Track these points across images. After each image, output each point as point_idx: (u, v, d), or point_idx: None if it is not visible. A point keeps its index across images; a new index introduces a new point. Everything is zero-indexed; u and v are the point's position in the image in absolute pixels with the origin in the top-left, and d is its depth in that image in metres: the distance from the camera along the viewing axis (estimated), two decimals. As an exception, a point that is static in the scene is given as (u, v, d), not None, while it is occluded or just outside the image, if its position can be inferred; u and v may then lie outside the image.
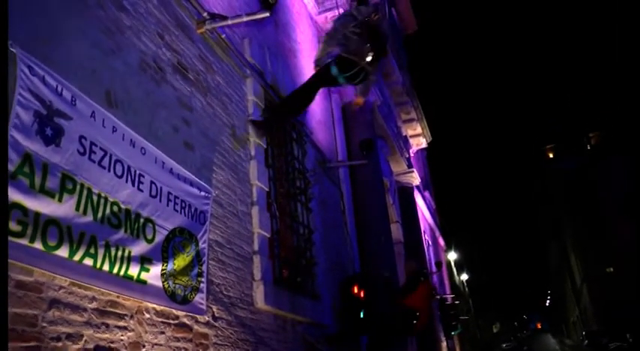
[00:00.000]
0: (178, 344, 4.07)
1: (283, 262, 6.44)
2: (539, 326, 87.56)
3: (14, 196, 2.81)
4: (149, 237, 3.92)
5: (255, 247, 5.66)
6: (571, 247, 43.45)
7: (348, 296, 7.97)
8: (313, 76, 6.72)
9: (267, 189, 6.24)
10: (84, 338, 3.16)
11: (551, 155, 45.94)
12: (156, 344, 3.81)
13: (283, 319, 5.97)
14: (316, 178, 7.80)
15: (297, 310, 6.26)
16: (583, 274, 40.10)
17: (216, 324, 4.65)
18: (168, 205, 4.24)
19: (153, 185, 4.08)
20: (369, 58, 6.08)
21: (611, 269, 35.55)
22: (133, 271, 3.66)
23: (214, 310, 4.68)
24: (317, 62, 6.61)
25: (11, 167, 2.83)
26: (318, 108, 9.31)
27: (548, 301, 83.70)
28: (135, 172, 3.89)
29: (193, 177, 4.67)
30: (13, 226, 2.78)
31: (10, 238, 2.74)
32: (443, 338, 16.11)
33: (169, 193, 4.28)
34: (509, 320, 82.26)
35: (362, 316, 7.83)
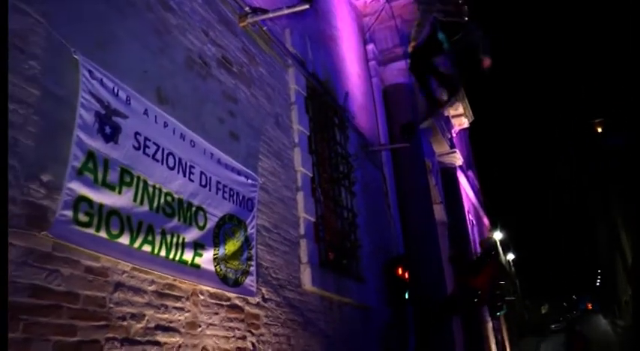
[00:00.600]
0: (231, 324, 4.35)
1: (328, 245, 6.66)
2: (589, 307, 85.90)
3: (81, 190, 3.10)
4: (201, 224, 4.19)
5: (302, 231, 5.90)
6: (622, 225, 42.36)
7: (392, 277, 8.17)
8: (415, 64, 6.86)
9: (311, 175, 6.46)
10: (146, 318, 3.45)
11: (599, 129, 44.67)
12: (211, 324, 4.09)
13: (329, 300, 6.21)
14: (359, 162, 7.97)
15: (343, 291, 6.49)
16: (635, 252, 39.13)
17: (266, 305, 4.91)
18: (217, 193, 4.50)
19: (202, 175, 4.34)
20: (466, 18, 6.29)
21: (664, 247, 34.63)
22: (187, 256, 3.94)
23: (264, 292, 4.94)
24: (413, 39, 6.71)
25: (77, 164, 3.11)
26: (359, 92, 9.46)
27: (598, 281, 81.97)
28: (185, 163, 4.15)
29: (240, 166, 4.91)
30: (82, 217, 3.06)
31: (80, 228, 3.03)
32: (488, 319, 16.14)
33: (218, 182, 4.53)
34: (558, 301, 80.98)
35: (407, 296, 8.04)
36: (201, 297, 4.07)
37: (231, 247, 4.53)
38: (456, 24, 6.32)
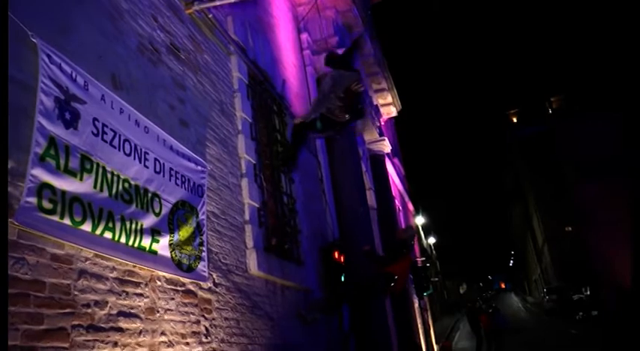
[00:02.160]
0: (186, 309, 4.40)
1: (271, 230, 6.77)
2: (502, 286, 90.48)
3: (44, 176, 3.08)
4: (157, 210, 4.21)
5: (247, 216, 5.99)
6: (534, 209, 44.87)
7: (329, 261, 8.39)
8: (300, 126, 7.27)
9: (254, 161, 6.54)
10: (108, 304, 3.47)
11: (514, 119, 46.91)
12: (168, 309, 4.13)
13: (273, 284, 6.34)
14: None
15: (286, 275, 6.64)
16: (545, 234, 41.58)
17: (217, 290, 4.99)
18: (170, 180, 4.52)
19: (157, 162, 4.35)
20: (345, 119, 6.64)
21: (570, 228, 37.04)
22: (146, 242, 3.96)
23: (215, 277, 5.01)
24: (304, 117, 7.01)
25: (39, 150, 3.09)
26: (295, 81, 9.56)
27: (511, 262, 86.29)
28: (141, 150, 4.15)
29: (190, 153, 4.94)
30: (46, 204, 3.04)
31: (44, 215, 3.02)
32: (415, 299, 16.80)
33: (171, 168, 4.55)
34: (475, 281, 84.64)
35: (343, 279, 8.29)
36: (159, 283, 4.11)
37: (184, 233, 4.57)
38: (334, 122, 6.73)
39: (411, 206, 24.53)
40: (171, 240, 4.34)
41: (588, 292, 30.60)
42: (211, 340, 4.67)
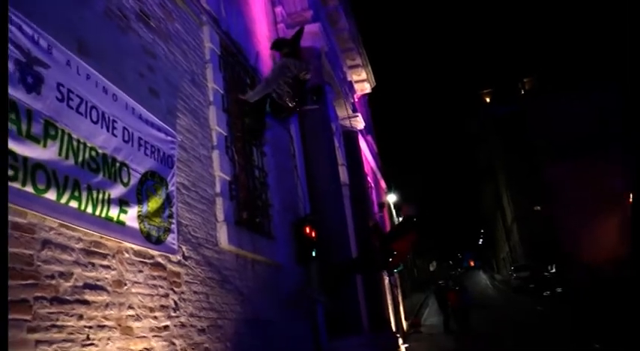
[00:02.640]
0: (155, 282, 4.32)
1: (242, 204, 6.69)
2: (471, 264, 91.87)
3: (5, 142, 2.94)
4: (125, 180, 4.09)
5: (217, 189, 5.89)
6: (504, 188, 45.50)
7: (300, 236, 8.35)
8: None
9: (225, 134, 6.42)
10: (74, 276, 3.37)
11: (487, 99, 47.27)
12: (136, 282, 4.04)
13: (244, 258, 6.27)
14: (269, 122, 7.97)
15: (257, 249, 6.58)
16: (514, 213, 42.25)
17: (186, 263, 4.90)
18: (139, 149, 4.40)
19: (125, 131, 4.22)
20: (292, 105, 7.08)
21: (539, 208, 37.69)
22: (113, 212, 3.85)
23: (184, 249, 4.92)
24: (249, 97, 7.25)
25: None
26: (268, 54, 9.40)
27: (480, 240, 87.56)
28: (109, 118, 4.02)
29: (160, 122, 4.81)
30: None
31: (5, 183, 2.89)
32: (385, 275, 16.88)
33: (140, 138, 4.43)
34: (445, 259, 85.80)
35: (314, 254, 8.26)
36: (127, 255, 4.01)
37: (153, 204, 4.47)
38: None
39: (383, 184, 24.59)
40: (140, 211, 4.24)
41: (554, 270, 31.27)
42: (180, 314, 4.60)
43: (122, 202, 3.98)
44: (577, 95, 32.53)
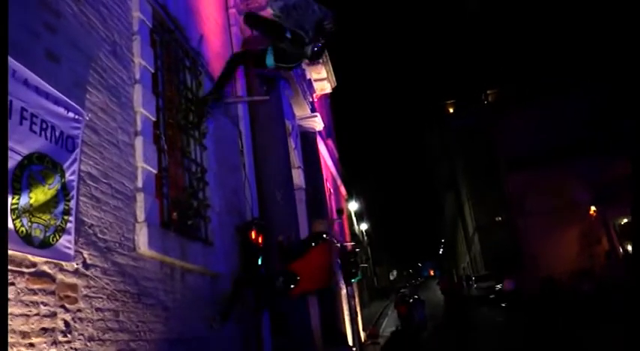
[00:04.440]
0: (35, 298, 3.29)
1: (172, 202, 5.70)
2: (432, 273, 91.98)
3: None
4: (-10, 162, 3.07)
5: (139, 183, 4.88)
6: (466, 198, 45.28)
7: (245, 242, 7.38)
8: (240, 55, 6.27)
9: (154, 118, 5.42)
10: None
11: (451, 110, 47.14)
12: (2, 298, 3.02)
13: (171, 266, 5.26)
14: (210, 112, 6.99)
15: (188, 256, 5.57)
16: (475, 223, 41.97)
17: (87, 272, 3.88)
18: (21, 123, 3.38)
19: (-1, 97, 3.20)
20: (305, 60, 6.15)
21: (500, 219, 37.44)
22: (-33, 204, 2.83)
23: (85, 255, 3.91)
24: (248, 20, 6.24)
25: None
26: (216, 39, 8.44)
27: (441, 250, 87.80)
28: (-29, 77, 3.00)
29: (59, 94, 3.79)
30: None
31: None
32: (343, 285, 15.99)
33: (24, 109, 3.40)
34: (405, 268, 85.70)
35: (260, 262, 7.29)
36: (-12, 261, 2.98)
37: (40, 195, 3.45)
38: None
39: (343, 190, 23.76)
40: (16, 203, 3.21)
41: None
42: (73, 339, 3.57)
43: (-18, 190, 2.96)
44: (540, 106, 32.29)
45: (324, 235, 6.90)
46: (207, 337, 5.76)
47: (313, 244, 6.62)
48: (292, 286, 6.32)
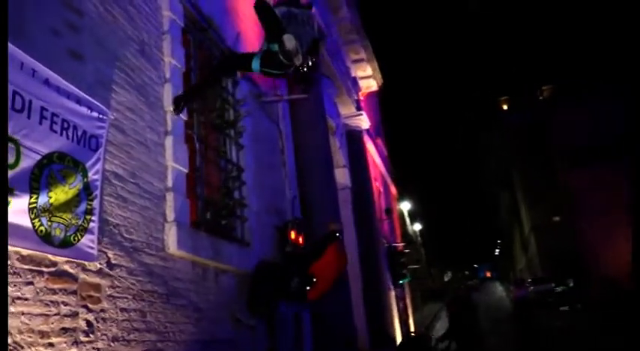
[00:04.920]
0: (55, 297, 3.26)
1: (206, 202, 5.64)
2: (488, 275, 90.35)
3: None
4: (10, 161, 3.05)
5: (169, 183, 4.84)
6: (522, 198, 44.06)
7: (285, 242, 7.28)
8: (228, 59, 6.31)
9: (185, 118, 5.38)
10: None
11: (505, 107, 46.01)
12: (19, 298, 2.99)
13: (204, 267, 5.20)
14: (248, 110, 6.93)
15: (222, 257, 5.50)
16: (532, 223, 40.77)
17: (111, 272, 3.85)
18: (41, 123, 3.36)
19: (17, 96, 3.18)
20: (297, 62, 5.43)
21: (558, 218, 36.17)
22: (-21, 203, 2.81)
23: (110, 255, 3.87)
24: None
25: None
26: (255, 37, 8.37)
27: (497, 251, 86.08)
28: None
29: (81, 93, 3.77)
30: None
31: None
32: (391, 287, 15.73)
33: (44, 108, 3.39)
34: (461, 269, 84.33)
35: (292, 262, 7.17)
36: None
37: (60, 195, 3.42)
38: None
39: (394, 190, 23.44)
40: (34, 203, 3.18)
41: (572, 284, 29.82)
42: (96, 338, 3.54)
43: (-2, 190, 2.94)
44: (598, 102, 31.13)
45: (337, 234, 6.65)
46: (242, 338, 5.68)
47: (328, 243, 6.41)
48: (308, 288, 6.10)
